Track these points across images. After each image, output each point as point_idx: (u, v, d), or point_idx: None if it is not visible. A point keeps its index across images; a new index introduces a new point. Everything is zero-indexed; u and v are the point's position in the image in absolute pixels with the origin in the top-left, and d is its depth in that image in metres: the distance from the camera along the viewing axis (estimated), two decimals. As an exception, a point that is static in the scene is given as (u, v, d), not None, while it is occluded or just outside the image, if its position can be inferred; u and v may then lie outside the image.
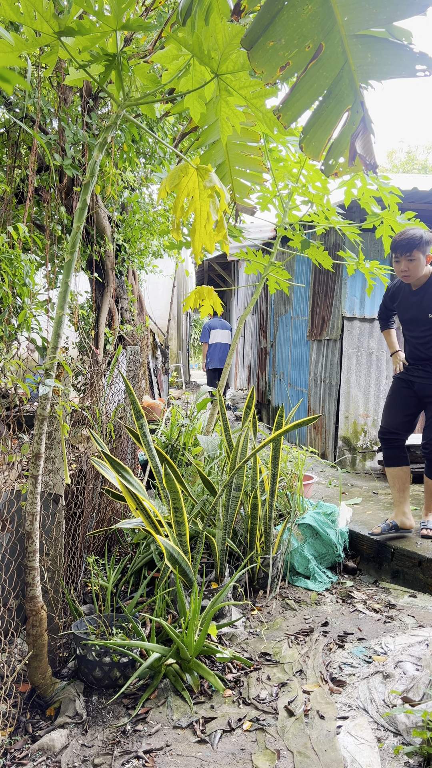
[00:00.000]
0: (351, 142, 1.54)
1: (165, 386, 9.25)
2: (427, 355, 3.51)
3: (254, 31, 1.44)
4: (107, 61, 1.90)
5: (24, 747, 1.99)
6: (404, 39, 1.38)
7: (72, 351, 7.49)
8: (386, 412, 3.71)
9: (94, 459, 2.71)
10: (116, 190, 4.97)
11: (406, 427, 3.64)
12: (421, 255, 3.32)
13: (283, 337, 8.07)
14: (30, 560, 2.07)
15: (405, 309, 3.57)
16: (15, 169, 4.47)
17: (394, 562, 3.48)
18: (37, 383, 2.11)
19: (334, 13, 1.38)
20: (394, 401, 3.69)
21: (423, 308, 3.43)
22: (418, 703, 2.09)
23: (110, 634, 2.41)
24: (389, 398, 3.73)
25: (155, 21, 3.74)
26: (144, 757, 1.95)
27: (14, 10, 1.67)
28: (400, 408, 3.65)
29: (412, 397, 3.61)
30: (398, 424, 3.63)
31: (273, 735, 2.08)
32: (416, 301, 3.46)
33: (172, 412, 4.51)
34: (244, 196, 2.95)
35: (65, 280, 2.04)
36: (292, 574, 3.44)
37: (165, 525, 2.68)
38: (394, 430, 3.64)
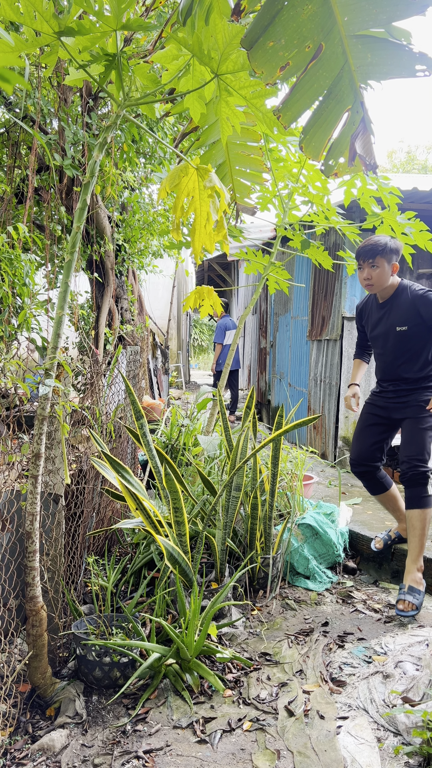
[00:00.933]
0: (351, 143, 1.54)
1: (165, 386, 9.25)
2: (398, 375, 3.22)
3: (254, 31, 1.44)
4: (107, 61, 1.90)
5: (24, 747, 2.00)
6: (403, 39, 1.38)
7: (72, 351, 7.49)
8: (354, 441, 3.43)
9: (94, 459, 2.71)
10: (116, 190, 4.97)
11: (375, 455, 3.34)
12: (385, 263, 3.07)
13: (283, 337, 8.07)
14: (30, 560, 2.07)
15: (373, 325, 3.30)
16: (15, 169, 4.47)
17: (394, 562, 3.48)
18: (37, 383, 2.11)
19: (334, 14, 1.38)
20: (361, 430, 3.40)
21: (391, 322, 3.16)
22: (418, 703, 2.09)
23: (110, 634, 2.41)
24: (357, 426, 3.45)
25: (155, 21, 3.74)
26: (144, 757, 1.95)
27: (14, 10, 1.67)
28: (368, 436, 3.36)
29: (382, 424, 3.32)
30: (366, 455, 3.34)
31: (273, 735, 2.08)
32: (383, 314, 3.21)
33: (172, 412, 4.51)
34: (244, 196, 2.95)
35: (65, 280, 2.04)
36: (292, 574, 3.44)
37: (165, 525, 2.68)
38: (363, 462, 3.36)
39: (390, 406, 3.27)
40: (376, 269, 3.09)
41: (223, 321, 9.06)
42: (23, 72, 3.15)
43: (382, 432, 3.33)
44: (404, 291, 3.14)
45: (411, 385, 3.18)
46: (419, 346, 3.12)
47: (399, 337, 3.14)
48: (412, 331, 3.11)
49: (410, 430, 3.14)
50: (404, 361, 3.18)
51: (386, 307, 3.20)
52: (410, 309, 3.08)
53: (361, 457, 3.36)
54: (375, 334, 3.29)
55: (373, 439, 3.34)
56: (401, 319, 3.11)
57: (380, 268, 3.09)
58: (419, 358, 3.14)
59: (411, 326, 3.10)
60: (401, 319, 3.11)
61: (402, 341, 3.14)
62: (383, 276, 3.11)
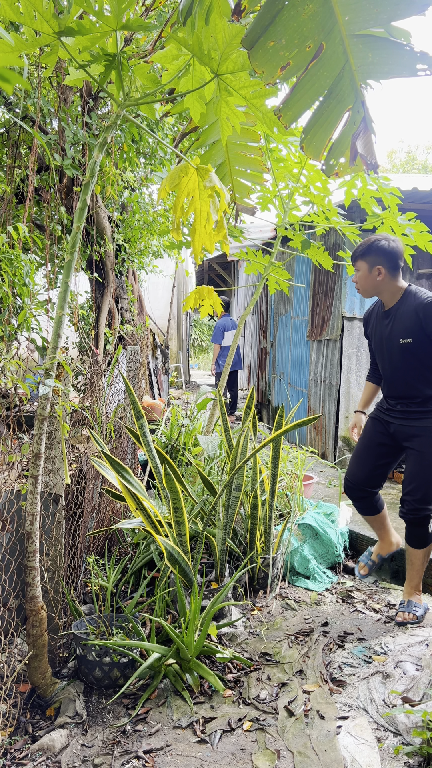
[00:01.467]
0: (352, 142, 1.54)
1: (165, 386, 9.25)
2: (404, 393, 2.85)
3: (255, 31, 1.44)
4: (107, 61, 1.90)
5: (24, 747, 1.99)
6: (403, 39, 1.38)
7: (72, 351, 7.49)
8: (353, 460, 3.03)
9: (94, 459, 2.71)
10: (116, 190, 4.97)
11: (375, 481, 2.98)
12: (366, 266, 2.78)
13: (283, 337, 8.07)
14: (30, 560, 2.07)
15: (377, 335, 2.95)
16: (15, 169, 4.47)
17: (394, 562, 3.48)
18: (37, 383, 2.11)
19: (334, 13, 1.38)
20: (364, 448, 3.01)
21: (394, 332, 2.80)
22: (418, 703, 2.09)
23: (110, 634, 2.41)
24: (359, 443, 3.06)
25: (155, 21, 3.74)
26: (144, 757, 1.95)
27: (14, 10, 1.67)
28: (370, 458, 2.97)
29: (387, 445, 2.94)
30: (365, 478, 2.97)
31: (273, 735, 2.08)
32: (387, 324, 2.86)
33: (172, 412, 4.51)
34: (244, 196, 2.95)
35: (65, 280, 2.04)
36: (292, 574, 3.44)
37: (165, 525, 2.68)
38: (361, 486, 2.98)
39: (397, 427, 2.89)
40: (358, 272, 2.84)
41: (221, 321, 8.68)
42: (23, 72, 3.15)
43: (386, 455, 2.97)
44: (409, 298, 2.78)
45: (421, 406, 2.82)
46: (427, 361, 2.77)
47: (403, 350, 2.78)
48: (416, 344, 2.74)
49: (415, 466, 2.82)
50: (411, 378, 2.81)
51: (390, 316, 2.84)
52: (413, 319, 2.73)
53: (360, 482, 2.99)
54: (378, 346, 2.95)
55: (375, 461, 2.98)
56: (405, 330, 2.76)
57: (360, 272, 2.82)
58: (426, 375, 2.78)
59: (415, 339, 2.73)
60: (405, 331, 2.76)
61: (407, 355, 2.78)
62: (364, 279, 2.81)
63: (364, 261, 2.78)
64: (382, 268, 2.75)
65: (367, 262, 2.77)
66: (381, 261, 2.74)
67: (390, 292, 2.81)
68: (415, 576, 2.91)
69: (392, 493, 4.79)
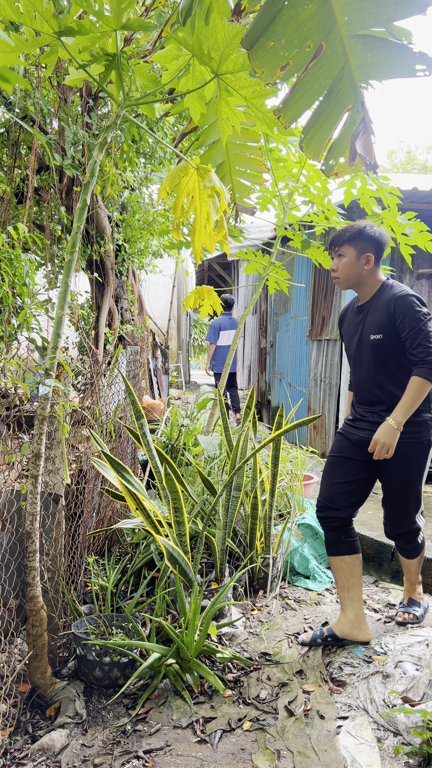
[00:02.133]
0: (351, 142, 1.54)
1: (165, 386, 9.25)
2: (374, 397, 2.56)
3: (254, 31, 1.44)
4: (107, 61, 1.90)
5: (24, 747, 1.99)
6: (404, 39, 1.38)
7: (72, 351, 7.49)
8: (323, 477, 2.72)
9: (94, 459, 2.71)
10: (116, 190, 4.97)
11: (348, 499, 2.60)
12: (354, 251, 2.52)
13: (283, 337, 8.07)
14: (30, 560, 2.07)
15: (349, 334, 2.69)
16: (15, 169, 4.47)
17: (394, 562, 3.48)
18: (37, 383, 2.11)
19: (334, 13, 1.38)
20: (332, 464, 2.69)
21: (365, 329, 2.56)
22: (418, 703, 2.09)
23: (110, 634, 2.41)
24: (328, 460, 2.74)
25: (155, 21, 3.74)
26: (144, 757, 1.95)
27: (14, 10, 1.67)
28: (341, 473, 2.64)
29: (356, 460, 2.61)
30: (336, 495, 2.61)
31: (273, 735, 2.08)
32: (360, 320, 2.61)
33: (172, 412, 4.51)
34: (244, 196, 2.95)
35: (65, 280, 2.04)
36: (292, 574, 3.44)
37: (165, 525, 2.68)
38: (331, 505, 2.62)
39: (366, 440, 2.56)
40: (341, 259, 2.56)
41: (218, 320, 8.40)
42: (21, 71, 3.15)
43: (356, 471, 2.62)
44: (384, 292, 2.54)
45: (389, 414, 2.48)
46: (399, 363, 2.49)
47: (373, 348, 2.52)
48: (387, 341, 2.48)
49: (389, 490, 2.62)
50: (381, 381, 2.53)
51: (364, 311, 2.61)
52: (386, 313, 2.48)
53: (327, 496, 2.65)
54: (349, 343, 2.69)
55: (345, 476, 2.63)
56: (376, 325, 2.51)
57: (346, 258, 2.54)
58: (399, 377, 2.49)
59: (386, 334, 2.47)
60: (376, 326, 2.50)
61: (377, 354, 2.52)
62: (350, 267, 2.54)
63: (353, 247, 2.53)
64: (372, 257, 2.53)
65: (356, 249, 2.52)
66: (371, 249, 2.53)
67: (369, 285, 2.59)
68: (412, 576, 2.85)
69: (392, 493, 4.79)
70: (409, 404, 2.38)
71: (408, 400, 2.38)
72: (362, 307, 2.63)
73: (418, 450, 2.53)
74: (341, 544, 2.62)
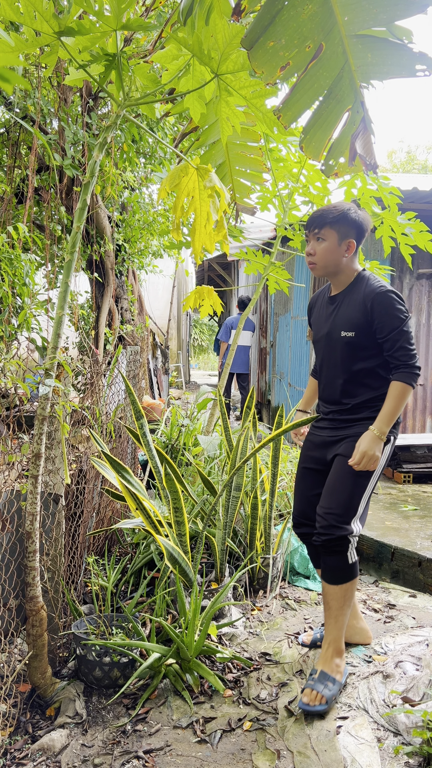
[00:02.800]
0: (351, 142, 1.54)
1: (165, 386, 9.25)
2: (340, 396, 2.37)
3: (254, 31, 1.44)
4: (107, 61, 1.90)
5: (24, 747, 1.99)
6: (404, 38, 1.38)
7: (72, 351, 7.49)
8: (294, 491, 2.57)
9: (94, 459, 2.71)
10: (116, 190, 4.97)
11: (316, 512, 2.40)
12: (336, 236, 2.28)
13: (283, 337, 8.07)
14: (30, 560, 2.07)
15: (318, 325, 2.48)
16: (15, 169, 4.47)
17: (394, 562, 3.48)
18: (37, 383, 2.11)
19: (334, 13, 1.38)
20: (302, 476, 2.54)
21: (336, 323, 2.34)
22: (418, 703, 2.09)
23: (110, 634, 2.41)
24: (297, 471, 2.59)
25: (155, 21, 3.74)
26: (144, 757, 1.95)
27: (14, 10, 1.67)
28: (308, 485, 2.49)
29: (320, 471, 2.44)
30: (305, 510, 2.49)
31: (273, 735, 2.08)
32: (331, 312, 2.39)
33: (172, 412, 4.51)
34: (244, 196, 2.95)
35: (65, 280, 2.04)
36: (292, 574, 3.44)
37: (165, 525, 2.68)
38: (305, 520, 2.50)
39: (327, 441, 2.40)
40: (321, 243, 2.31)
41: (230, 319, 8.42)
42: (21, 71, 3.15)
43: (321, 479, 2.43)
44: (359, 284, 2.32)
45: (352, 413, 2.34)
46: (370, 363, 2.30)
47: (344, 346, 2.32)
48: (359, 339, 2.28)
49: (335, 473, 2.32)
50: (349, 381, 2.34)
51: (336, 303, 2.38)
52: (361, 309, 2.27)
53: (299, 511, 2.52)
54: (318, 336, 2.46)
55: (311, 488, 2.48)
56: (349, 321, 2.30)
57: (327, 242, 2.30)
58: (369, 379, 2.32)
59: (359, 333, 2.28)
60: (349, 322, 2.30)
61: (347, 353, 2.32)
62: (330, 253, 2.30)
63: (335, 231, 2.28)
64: (354, 243, 2.30)
65: (338, 233, 2.28)
66: (353, 234, 2.30)
67: (346, 274, 2.36)
68: (333, 626, 2.27)
69: (392, 492, 4.79)
70: (392, 411, 2.20)
71: (391, 407, 2.20)
72: (335, 298, 2.40)
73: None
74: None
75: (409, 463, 5.12)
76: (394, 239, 3.69)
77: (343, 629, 2.29)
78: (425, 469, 5.11)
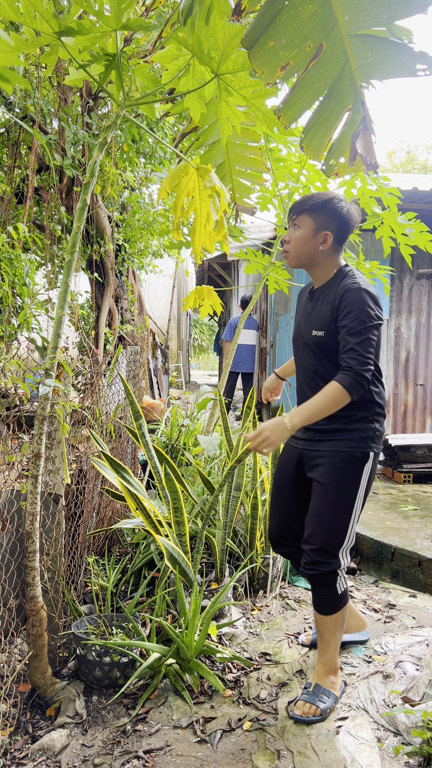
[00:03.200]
0: (352, 142, 1.54)
1: (165, 386, 9.25)
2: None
3: (255, 31, 1.44)
4: (107, 61, 1.90)
5: (24, 747, 1.99)
6: (405, 38, 1.38)
7: (72, 351, 7.49)
8: (270, 507, 2.42)
9: (94, 459, 2.71)
10: (116, 190, 4.97)
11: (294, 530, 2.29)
12: (312, 225, 2.10)
13: (283, 337, 8.07)
14: (30, 560, 2.07)
15: (297, 322, 2.31)
16: (15, 169, 4.47)
17: (394, 562, 3.48)
18: (37, 383, 2.11)
19: (334, 13, 1.38)
20: (276, 491, 2.37)
21: (310, 322, 2.18)
22: (418, 703, 2.09)
23: (110, 634, 2.41)
24: (273, 485, 2.42)
25: (155, 21, 3.74)
26: (144, 757, 1.95)
27: (14, 10, 1.67)
28: (282, 501, 2.33)
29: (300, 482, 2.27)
30: (280, 528, 2.34)
31: (273, 735, 2.08)
32: (309, 309, 2.23)
33: (172, 412, 4.51)
34: (244, 196, 2.95)
35: (65, 280, 2.04)
36: (292, 574, 3.44)
37: (165, 525, 2.68)
38: (281, 540, 2.35)
39: (302, 451, 2.23)
40: (296, 230, 2.14)
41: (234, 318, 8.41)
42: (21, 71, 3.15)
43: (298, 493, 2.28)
44: (338, 280, 2.14)
45: (327, 423, 2.12)
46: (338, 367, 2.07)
47: (314, 347, 2.15)
48: (328, 339, 2.10)
49: (314, 503, 2.16)
50: (318, 386, 2.13)
51: (314, 299, 2.21)
52: (331, 306, 2.09)
53: (273, 528, 2.34)
54: (294, 335, 2.30)
55: (290, 506, 2.31)
56: (321, 319, 2.12)
57: (302, 230, 2.13)
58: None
59: (328, 333, 2.09)
60: (320, 321, 2.12)
61: (316, 355, 2.15)
62: (302, 242, 2.13)
63: (312, 219, 2.11)
64: (330, 236, 2.11)
65: (315, 222, 2.11)
66: (332, 226, 2.12)
67: (323, 268, 2.18)
68: (326, 650, 2.21)
69: (392, 492, 4.79)
70: (315, 409, 1.98)
71: (316, 404, 1.98)
72: (314, 294, 2.23)
73: (348, 463, 2.10)
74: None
75: (409, 463, 5.12)
76: (394, 239, 3.69)
77: (336, 651, 2.22)
78: (425, 469, 5.11)
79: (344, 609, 2.18)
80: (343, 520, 2.10)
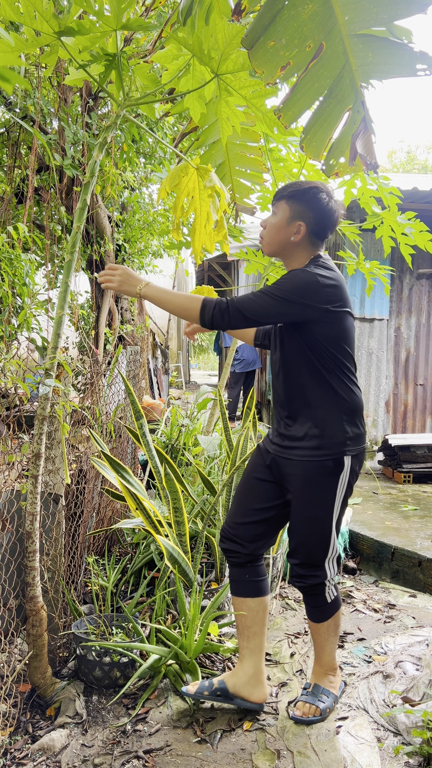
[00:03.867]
0: (352, 142, 1.54)
1: (165, 386, 9.25)
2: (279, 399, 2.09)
3: (255, 31, 1.44)
4: (107, 61, 1.90)
5: (24, 747, 1.99)
6: (404, 38, 1.38)
7: (72, 351, 7.49)
8: (235, 498, 2.25)
9: (94, 459, 2.71)
10: (116, 190, 4.97)
11: (253, 531, 2.13)
12: (288, 213, 1.99)
13: (283, 337, 8.06)
14: (30, 560, 2.07)
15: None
16: (15, 169, 4.47)
17: (394, 562, 3.48)
18: (37, 383, 2.11)
19: (334, 13, 1.38)
20: (245, 485, 2.21)
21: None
22: (418, 703, 2.09)
23: (110, 634, 2.41)
24: (242, 479, 2.25)
25: (155, 21, 3.74)
26: (144, 757, 1.95)
27: (14, 10, 1.67)
28: (250, 497, 2.16)
29: (267, 481, 2.13)
30: (239, 524, 2.15)
31: (273, 735, 2.08)
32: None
33: (172, 412, 4.51)
34: (244, 196, 2.95)
35: (65, 280, 2.04)
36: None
37: (165, 525, 2.68)
38: (234, 537, 2.16)
39: (273, 457, 2.10)
40: (272, 216, 2.05)
41: None
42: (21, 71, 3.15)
43: (270, 498, 2.13)
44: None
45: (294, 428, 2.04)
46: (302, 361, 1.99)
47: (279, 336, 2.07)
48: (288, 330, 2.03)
49: (294, 519, 2.09)
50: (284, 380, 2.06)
51: None
52: None
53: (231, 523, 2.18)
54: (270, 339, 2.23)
55: (253, 502, 2.15)
56: None
57: (276, 218, 2.02)
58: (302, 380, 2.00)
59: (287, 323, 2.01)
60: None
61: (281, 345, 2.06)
62: (275, 230, 2.02)
63: (288, 206, 2.00)
64: (304, 228, 1.99)
65: (291, 209, 1.99)
66: (308, 218, 1.99)
67: (296, 260, 2.05)
68: (321, 653, 2.19)
69: (392, 492, 4.79)
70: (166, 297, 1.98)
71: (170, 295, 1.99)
72: None
73: (321, 474, 1.99)
74: (245, 583, 2.17)
75: (409, 463, 5.13)
76: (394, 239, 3.69)
77: (333, 652, 2.20)
78: (425, 469, 5.11)
79: (336, 615, 2.17)
80: (323, 533, 2.04)
